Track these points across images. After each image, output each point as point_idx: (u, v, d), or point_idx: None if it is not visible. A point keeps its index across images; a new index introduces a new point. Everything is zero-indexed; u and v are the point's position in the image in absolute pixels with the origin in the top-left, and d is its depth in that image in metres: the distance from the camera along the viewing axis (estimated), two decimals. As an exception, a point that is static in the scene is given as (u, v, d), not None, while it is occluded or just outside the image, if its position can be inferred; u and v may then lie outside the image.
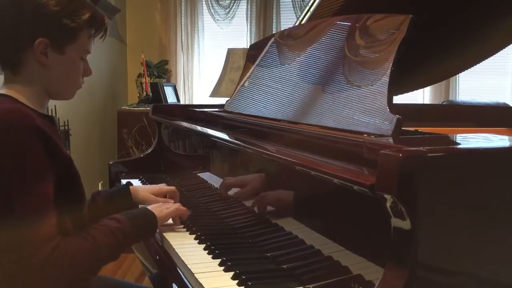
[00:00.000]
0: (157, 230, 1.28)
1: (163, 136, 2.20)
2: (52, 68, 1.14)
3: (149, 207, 1.29)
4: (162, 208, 1.31)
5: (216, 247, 1.16)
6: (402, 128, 1.01)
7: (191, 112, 2.05)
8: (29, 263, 0.99)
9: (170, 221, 1.35)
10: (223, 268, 1.06)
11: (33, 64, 1.13)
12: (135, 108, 3.87)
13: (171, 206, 1.35)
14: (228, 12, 4.34)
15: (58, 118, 2.85)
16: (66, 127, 2.97)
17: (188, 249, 1.19)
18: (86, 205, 1.24)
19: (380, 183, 0.76)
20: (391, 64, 1.09)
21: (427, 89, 4.36)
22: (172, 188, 1.53)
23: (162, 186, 1.55)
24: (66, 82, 1.20)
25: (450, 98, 4.30)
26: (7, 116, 1.02)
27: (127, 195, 1.45)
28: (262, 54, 1.76)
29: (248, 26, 4.35)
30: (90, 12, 1.16)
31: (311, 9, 1.81)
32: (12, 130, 1.01)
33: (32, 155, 1.02)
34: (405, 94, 2.05)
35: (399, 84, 1.22)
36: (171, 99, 3.99)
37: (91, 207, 1.38)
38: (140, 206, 1.43)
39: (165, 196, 1.50)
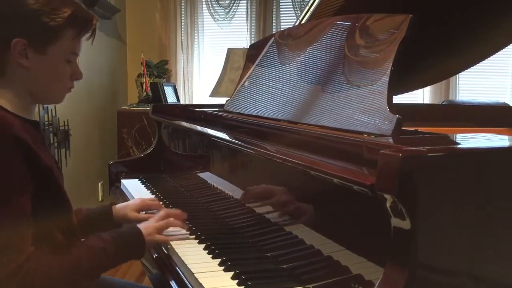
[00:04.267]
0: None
1: (163, 136, 2.19)
2: (34, 70, 1.09)
3: (139, 226, 1.21)
4: (152, 232, 1.21)
5: (216, 247, 1.16)
6: (402, 128, 1.01)
7: (191, 112, 2.05)
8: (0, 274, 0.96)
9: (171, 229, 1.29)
10: (223, 268, 1.06)
11: (14, 66, 1.07)
12: (135, 108, 3.87)
13: (161, 224, 1.25)
14: (228, 12, 4.34)
15: (58, 118, 2.85)
16: (66, 127, 2.97)
17: (188, 249, 1.19)
18: (73, 213, 1.20)
19: (380, 183, 0.76)
20: (391, 64, 1.09)
21: (427, 89, 4.36)
22: (151, 198, 1.48)
23: (141, 200, 1.46)
24: (51, 85, 1.13)
25: (450, 98, 4.30)
26: None
27: (108, 215, 1.38)
28: (262, 54, 1.76)
29: (248, 26, 4.35)
30: (71, 10, 1.09)
31: (311, 9, 1.81)
32: None
33: (8, 166, 0.98)
34: (405, 94, 2.05)
35: (399, 84, 1.22)
36: (171, 99, 3.99)
37: None
38: (125, 224, 1.39)
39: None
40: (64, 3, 1.09)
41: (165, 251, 1.24)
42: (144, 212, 1.44)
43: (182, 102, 4.27)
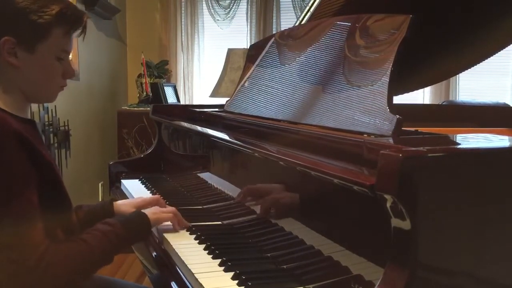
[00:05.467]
0: (153, 232, 1.27)
1: (163, 136, 2.20)
2: (24, 69, 1.09)
3: (144, 210, 1.27)
4: (157, 212, 1.28)
5: (216, 247, 1.16)
6: (402, 128, 1.01)
7: (191, 112, 2.05)
8: (19, 269, 0.97)
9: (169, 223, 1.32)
10: (223, 268, 1.06)
11: (4, 65, 1.08)
12: (135, 108, 3.87)
13: (167, 210, 1.32)
14: (228, 12, 4.34)
15: (58, 119, 2.85)
16: (66, 127, 2.97)
17: (188, 249, 1.19)
18: (73, 210, 1.21)
19: (380, 183, 0.76)
20: (391, 64, 1.09)
21: (427, 89, 4.36)
22: (155, 196, 1.49)
23: (145, 198, 1.48)
24: (42, 83, 1.13)
25: (450, 98, 4.30)
26: None
27: (109, 211, 1.38)
28: (262, 54, 1.76)
29: (248, 26, 4.35)
30: (59, 7, 1.08)
31: (311, 9, 1.81)
32: None
33: (14, 161, 0.99)
34: (405, 94, 2.05)
35: (399, 84, 1.22)
36: (171, 99, 3.99)
37: None
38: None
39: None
40: (52, 0, 1.09)
41: (166, 252, 1.24)
42: None
43: (182, 102, 4.26)
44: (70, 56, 1.18)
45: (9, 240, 0.97)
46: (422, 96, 4.38)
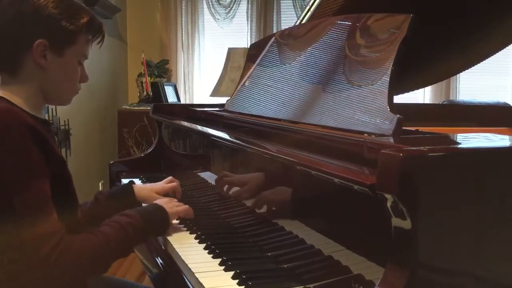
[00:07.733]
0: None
1: (163, 136, 2.19)
2: (50, 71, 1.14)
3: (158, 202, 1.30)
4: (172, 205, 1.31)
5: (216, 246, 1.16)
6: (403, 128, 1.01)
7: (192, 112, 2.05)
8: (31, 261, 0.98)
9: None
10: (223, 267, 1.06)
11: (31, 66, 1.12)
12: (135, 108, 3.87)
13: (181, 204, 1.35)
14: (229, 12, 4.35)
15: (59, 118, 2.86)
16: (66, 127, 2.97)
17: (189, 249, 1.19)
18: (79, 209, 1.24)
19: (380, 183, 0.76)
20: (392, 63, 1.09)
21: (428, 89, 4.37)
22: (174, 184, 1.55)
23: (164, 185, 1.55)
24: (64, 86, 1.20)
25: (451, 98, 4.30)
26: (0, 115, 1.02)
27: (130, 193, 1.46)
28: (263, 53, 1.76)
29: (249, 25, 4.35)
30: (88, 16, 1.18)
31: (312, 9, 1.81)
32: (6, 129, 1.01)
33: (28, 153, 1.02)
34: (405, 94, 2.05)
35: (399, 83, 1.22)
36: (171, 98, 4.00)
37: (94, 208, 1.38)
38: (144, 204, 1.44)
39: (167, 194, 1.51)
40: (81, 10, 1.18)
41: (166, 251, 1.24)
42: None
43: (182, 101, 4.27)
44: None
45: (23, 230, 0.99)
46: (422, 95, 4.38)
